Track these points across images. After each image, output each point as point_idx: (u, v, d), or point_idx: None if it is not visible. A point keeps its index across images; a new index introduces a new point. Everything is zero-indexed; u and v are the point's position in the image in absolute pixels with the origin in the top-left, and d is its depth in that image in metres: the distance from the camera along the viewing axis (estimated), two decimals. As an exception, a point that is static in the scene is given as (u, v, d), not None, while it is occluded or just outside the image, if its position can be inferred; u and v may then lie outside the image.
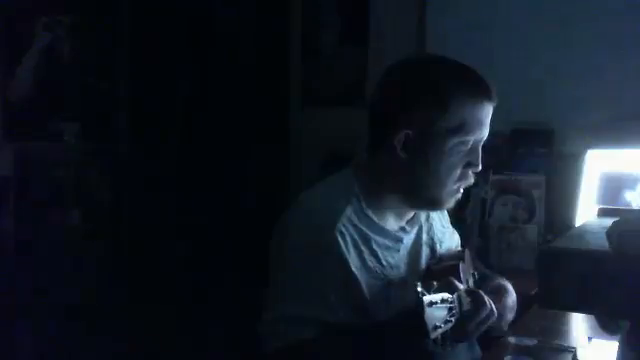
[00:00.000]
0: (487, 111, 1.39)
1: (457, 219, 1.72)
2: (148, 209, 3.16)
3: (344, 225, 1.38)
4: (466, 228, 2.50)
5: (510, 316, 1.51)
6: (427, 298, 1.18)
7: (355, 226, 1.40)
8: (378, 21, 3.07)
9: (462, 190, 1.43)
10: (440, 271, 1.45)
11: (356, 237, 1.39)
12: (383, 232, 1.44)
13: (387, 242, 1.44)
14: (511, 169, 2.64)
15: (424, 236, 1.55)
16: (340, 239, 1.36)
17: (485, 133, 1.41)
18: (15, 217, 2.83)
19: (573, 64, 2.63)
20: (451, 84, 1.37)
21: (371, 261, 1.41)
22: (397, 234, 1.47)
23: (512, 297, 1.52)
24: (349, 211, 1.40)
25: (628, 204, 2.43)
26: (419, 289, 1.19)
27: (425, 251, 1.54)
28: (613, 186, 2.47)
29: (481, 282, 1.52)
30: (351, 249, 1.38)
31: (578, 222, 2.54)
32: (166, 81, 3.28)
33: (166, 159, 3.30)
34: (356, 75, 3.11)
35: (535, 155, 2.66)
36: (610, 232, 1.16)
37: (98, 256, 3.01)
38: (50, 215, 2.94)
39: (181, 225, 3.27)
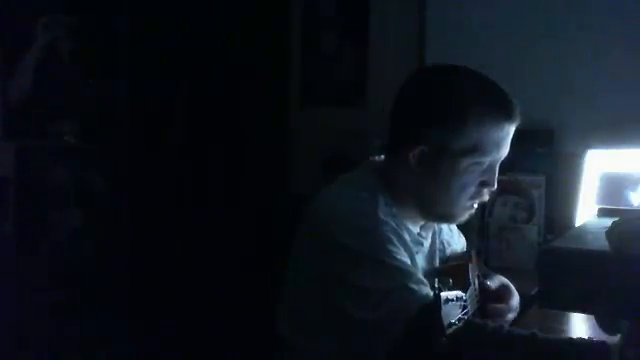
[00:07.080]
0: (507, 132, 1.36)
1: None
2: (148, 209, 3.16)
3: (383, 216, 1.35)
4: (466, 228, 2.50)
5: (512, 316, 1.52)
6: (444, 294, 1.18)
7: (387, 222, 1.36)
8: (378, 21, 3.06)
9: (476, 206, 1.42)
10: (450, 270, 1.46)
11: (392, 230, 1.35)
12: (409, 231, 1.42)
13: (411, 243, 1.41)
14: (511, 169, 2.63)
15: (437, 241, 1.55)
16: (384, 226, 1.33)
17: (504, 153, 1.38)
18: (15, 217, 2.83)
19: (573, 64, 2.63)
20: (469, 104, 1.34)
21: (404, 256, 1.35)
22: (418, 237, 1.46)
23: (516, 298, 1.53)
24: (382, 203, 1.37)
25: (628, 204, 2.43)
26: (437, 284, 1.18)
27: (439, 255, 1.54)
28: (613, 186, 2.47)
29: (486, 282, 1.53)
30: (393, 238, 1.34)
31: (578, 222, 2.54)
32: (166, 81, 3.27)
33: (166, 159, 3.30)
34: (356, 75, 3.11)
35: (535, 155, 2.65)
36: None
37: (98, 256, 3.01)
38: (50, 215, 2.94)
39: (181, 225, 3.27)
